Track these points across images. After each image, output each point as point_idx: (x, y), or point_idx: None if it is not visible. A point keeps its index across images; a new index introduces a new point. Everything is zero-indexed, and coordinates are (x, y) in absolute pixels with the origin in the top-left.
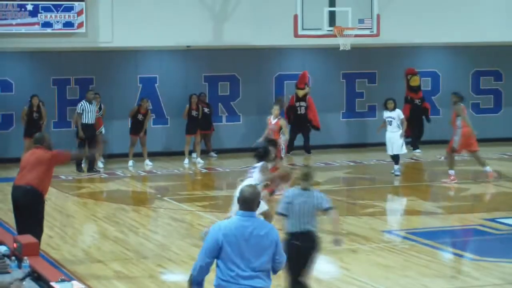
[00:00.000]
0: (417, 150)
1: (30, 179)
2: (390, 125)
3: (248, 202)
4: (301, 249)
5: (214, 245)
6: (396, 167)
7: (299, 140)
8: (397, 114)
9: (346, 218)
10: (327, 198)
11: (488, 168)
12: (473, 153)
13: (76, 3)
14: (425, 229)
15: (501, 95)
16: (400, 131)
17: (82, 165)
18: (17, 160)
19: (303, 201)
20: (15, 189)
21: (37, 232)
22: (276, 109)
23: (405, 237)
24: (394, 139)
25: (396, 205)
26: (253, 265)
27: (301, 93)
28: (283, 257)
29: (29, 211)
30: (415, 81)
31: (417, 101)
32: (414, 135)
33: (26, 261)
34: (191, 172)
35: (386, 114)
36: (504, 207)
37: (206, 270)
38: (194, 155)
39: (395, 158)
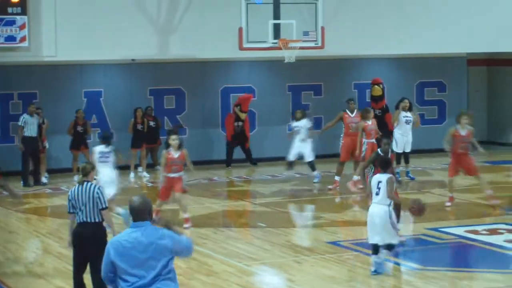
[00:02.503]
0: None
1: None
2: (299, 133)
3: (138, 212)
4: (86, 238)
5: (107, 259)
6: (316, 173)
7: (238, 154)
8: (304, 124)
9: (291, 229)
10: (104, 198)
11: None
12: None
13: (18, 17)
14: None
15: (445, 106)
16: (309, 139)
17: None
18: None
19: (83, 194)
20: None
21: None
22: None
23: (349, 248)
24: (303, 147)
25: (341, 215)
26: (150, 273)
27: (243, 116)
28: (186, 250)
29: None
30: (376, 91)
31: (377, 111)
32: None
33: None
34: (136, 186)
35: (294, 123)
36: (446, 216)
37: (113, 282)
38: (140, 169)
39: (312, 165)
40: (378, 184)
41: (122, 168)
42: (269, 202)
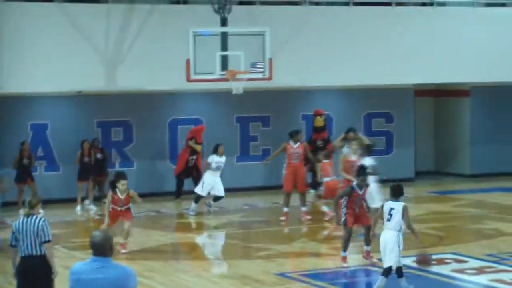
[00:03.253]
0: (311, 191)
1: None
2: (219, 170)
3: (99, 247)
4: (30, 271)
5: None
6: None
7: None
8: (224, 160)
9: (240, 261)
10: (49, 231)
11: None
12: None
13: None
14: (318, 271)
15: (393, 136)
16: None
17: None
18: None
19: (27, 227)
20: None
21: None
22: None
23: (297, 279)
24: (218, 183)
25: (289, 247)
26: None
27: (199, 148)
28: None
29: None
30: (318, 122)
31: (319, 143)
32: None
33: None
34: (83, 219)
35: (217, 159)
36: None
37: None
38: (87, 201)
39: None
40: (390, 211)
41: (70, 201)
42: (218, 234)
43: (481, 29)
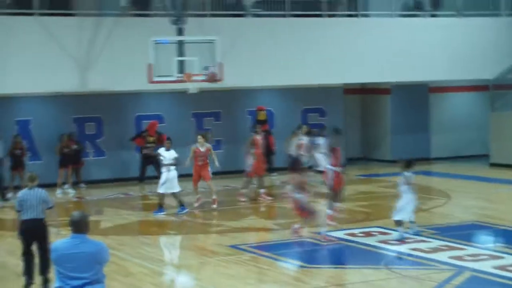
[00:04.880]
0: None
1: None
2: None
3: (76, 225)
4: (34, 231)
5: (53, 262)
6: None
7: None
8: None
9: (198, 236)
10: (50, 199)
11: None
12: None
13: None
14: (265, 243)
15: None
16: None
17: None
18: None
19: (31, 197)
20: None
21: None
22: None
23: (247, 250)
24: (174, 178)
25: (240, 223)
26: (83, 276)
27: (152, 139)
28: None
29: None
30: (260, 116)
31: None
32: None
33: None
34: (63, 201)
35: (174, 154)
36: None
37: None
38: (66, 186)
39: (177, 197)
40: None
41: (51, 186)
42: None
43: (398, 36)
